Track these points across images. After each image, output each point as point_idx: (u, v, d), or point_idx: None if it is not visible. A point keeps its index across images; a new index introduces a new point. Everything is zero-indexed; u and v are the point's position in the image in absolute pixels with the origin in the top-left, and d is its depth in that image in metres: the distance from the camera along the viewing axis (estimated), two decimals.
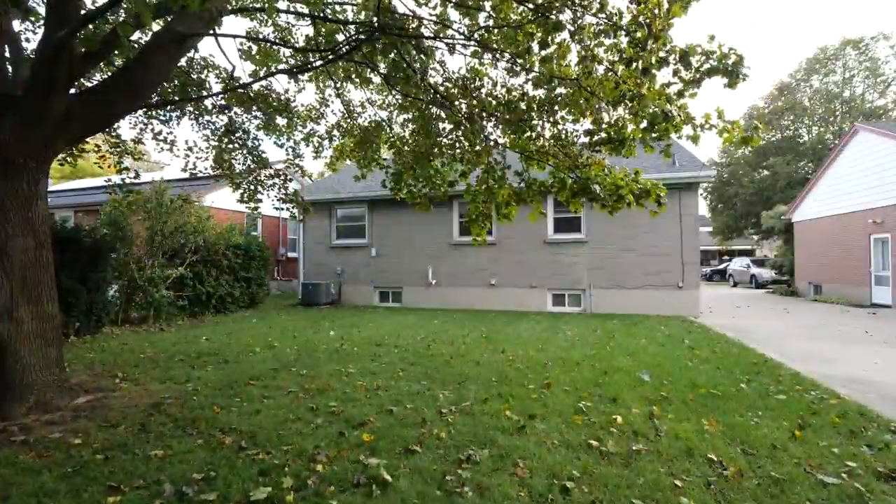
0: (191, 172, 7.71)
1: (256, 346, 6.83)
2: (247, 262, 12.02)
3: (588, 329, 8.57)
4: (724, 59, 3.71)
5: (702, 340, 7.39)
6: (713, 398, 4.35)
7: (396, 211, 13.54)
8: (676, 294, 11.20)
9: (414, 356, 6.21)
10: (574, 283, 11.96)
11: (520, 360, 5.98)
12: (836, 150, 16.67)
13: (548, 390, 4.64)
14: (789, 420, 3.81)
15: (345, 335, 7.80)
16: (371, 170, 8.57)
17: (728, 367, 5.59)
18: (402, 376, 5.21)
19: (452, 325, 9.05)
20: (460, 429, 3.65)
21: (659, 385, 4.76)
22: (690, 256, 11.21)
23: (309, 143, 8.90)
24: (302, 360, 6.00)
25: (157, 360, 6.03)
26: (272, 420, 3.85)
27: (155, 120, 7.49)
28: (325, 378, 5.13)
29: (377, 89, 9.06)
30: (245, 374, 5.26)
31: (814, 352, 6.90)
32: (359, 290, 13.91)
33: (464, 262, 12.88)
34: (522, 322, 9.58)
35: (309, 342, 7.19)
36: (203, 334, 7.97)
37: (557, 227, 12.27)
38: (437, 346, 6.93)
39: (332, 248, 14.26)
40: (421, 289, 13.25)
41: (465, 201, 12.90)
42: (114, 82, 4.35)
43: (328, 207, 14.34)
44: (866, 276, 14.78)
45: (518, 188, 5.82)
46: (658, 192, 4.70)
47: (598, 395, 4.50)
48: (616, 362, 5.79)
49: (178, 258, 10.33)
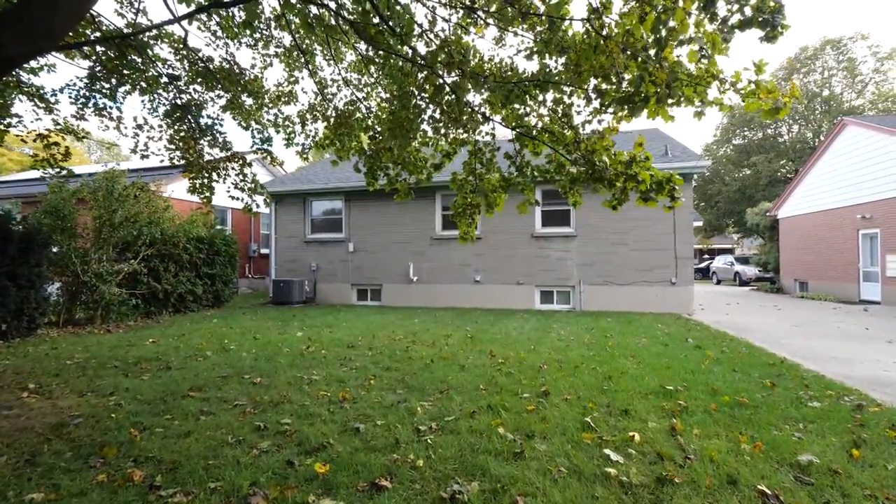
0: (141, 154, 6.77)
1: (209, 350, 5.95)
2: (211, 257, 11.03)
3: (581, 327, 7.93)
4: (760, 6, 3.03)
5: (706, 339, 6.81)
6: (740, 407, 3.71)
7: (375, 203, 12.72)
8: (670, 291, 10.68)
9: (390, 360, 5.44)
10: (563, 280, 11.35)
11: (510, 363, 5.27)
12: (822, 146, 16.51)
13: (546, 400, 3.94)
14: (837, 434, 3.19)
15: (314, 336, 6.97)
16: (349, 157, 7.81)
17: (743, 368, 4.99)
18: (374, 384, 4.44)
19: (434, 325, 8.30)
20: (442, 453, 2.91)
21: (674, 392, 4.10)
22: (684, 251, 10.71)
23: (279, 129, 8.06)
24: (259, 365, 5.17)
25: (85, 366, 5.12)
26: (204, 445, 3.04)
27: (98, 94, 6.54)
28: (283, 388, 4.32)
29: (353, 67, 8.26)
30: (186, 384, 4.41)
31: (822, 350, 6.39)
32: (335, 287, 13.03)
33: (447, 258, 12.14)
34: (510, 320, 8.90)
35: (271, 345, 6.34)
36: (152, 336, 7.04)
37: (546, 221, 11.64)
38: (417, 347, 6.17)
39: (306, 243, 13.35)
40: (402, 286, 12.46)
41: (449, 193, 12.20)
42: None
43: (302, 199, 13.42)
44: (854, 272, 14.60)
45: (508, 174, 5.10)
46: (672, 185, 4.03)
47: (606, 405, 3.81)
48: (619, 364, 5.13)
49: (129, 252, 9.32)
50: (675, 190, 4.02)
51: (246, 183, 7.00)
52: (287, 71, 7.82)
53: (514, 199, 11.72)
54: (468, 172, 5.24)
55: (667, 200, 4.07)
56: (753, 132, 30.55)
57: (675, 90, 3.01)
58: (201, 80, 6.76)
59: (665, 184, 3.95)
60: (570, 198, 4.63)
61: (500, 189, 5.01)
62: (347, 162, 7.11)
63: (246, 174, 7.06)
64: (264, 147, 8.17)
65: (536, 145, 4.54)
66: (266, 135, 8.13)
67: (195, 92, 6.89)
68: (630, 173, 3.89)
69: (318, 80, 8.00)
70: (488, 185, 5.07)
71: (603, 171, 3.81)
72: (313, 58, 7.99)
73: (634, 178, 3.90)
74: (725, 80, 2.92)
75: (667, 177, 3.98)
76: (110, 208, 8.62)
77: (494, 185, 5.03)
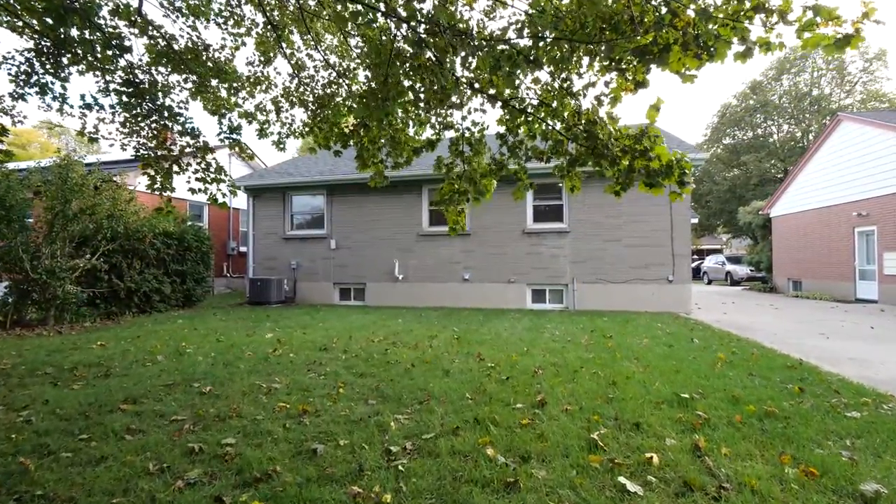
0: (89, 136, 6.06)
1: (161, 353, 5.28)
2: (181, 253, 10.30)
3: (577, 327, 7.38)
4: None
5: (711, 339, 6.30)
6: (769, 419, 3.17)
7: (359, 198, 12.08)
8: (666, 289, 10.21)
9: (366, 364, 4.82)
10: (556, 278, 10.82)
11: (501, 366, 4.69)
12: (816, 143, 16.25)
13: (543, 411, 3.36)
14: (893, 451, 2.66)
15: (284, 338, 6.31)
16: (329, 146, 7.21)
17: (761, 372, 4.47)
18: (343, 394, 3.82)
19: (419, 325, 7.69)
20: (416, 484, 2.31)
21: (690, 400, 3.55)
22: (681, 248, 10.25)
23: (251, 119, 7.41)
24: (214, 371, 4.52)
25: (10, 374, 4.42)
26: (116, 475, 2.41)
27: (41, 69, 5.82)
28: (235, 398, 3.69)
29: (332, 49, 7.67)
30: (121, 394, 3.75)
31: (836, 351, 5.92)
32: (316, 286, 12.35)
33: (434, 255, 11.54)
34: (500, 320, 8.33)
35: (234, 348, 5.68)
36: (104, 338, 6.33)
37: (538, 217, 11.10)
38: (398, 350, 5.56)
39: (286, 240, 12.64)
40: (386, 285, 11.83)
41: (436, 187, 11.60)
42: None
43: (282, 194, 12.72)
44: (850, 270, 14.31)
45: (500, 155, 4.52)
46: (682, 168, 3.50)
47: (613, 417, 3.25)
48: (622, 368, 4.57)
49: (88, 247, 8.57)
50: (685, 174, 3.50)
51: (208, 173, 6.33)
52: (260, 51, 7.21)
53: (504, 194, 11.17)
54: (455, 155, 4.65)
55: (674, 186, 3.54)
56: (743, 131, 30.49)
57: (703, 32, 2.44)
58: (165, 62, 6.10)
59: (674, 166, 3.42)
60: (567, 183, 4.06)
61: (490, 174, 4.43)
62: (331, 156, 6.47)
63: (209, 162, 6.40)
64: (233, 137, 7.52)
65: (531, 122, 3.97)
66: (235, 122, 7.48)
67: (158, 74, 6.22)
68: (639, 149, 3.33)
69: (294, 62, 7.37)
70: (477, 169, 4.49)
71: (606, 147, 3.24)
72: (289, 37, 7.36)
73: (644, 155, 3.35)
74: (772, 10, 2.36)
75: (677, 157, 3.45)
76: (63, 199, 7.86)
77: (484, 170, 4.45)
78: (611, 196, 10.90)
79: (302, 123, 7.21)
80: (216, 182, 6.32)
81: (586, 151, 3.59)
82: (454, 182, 4.84)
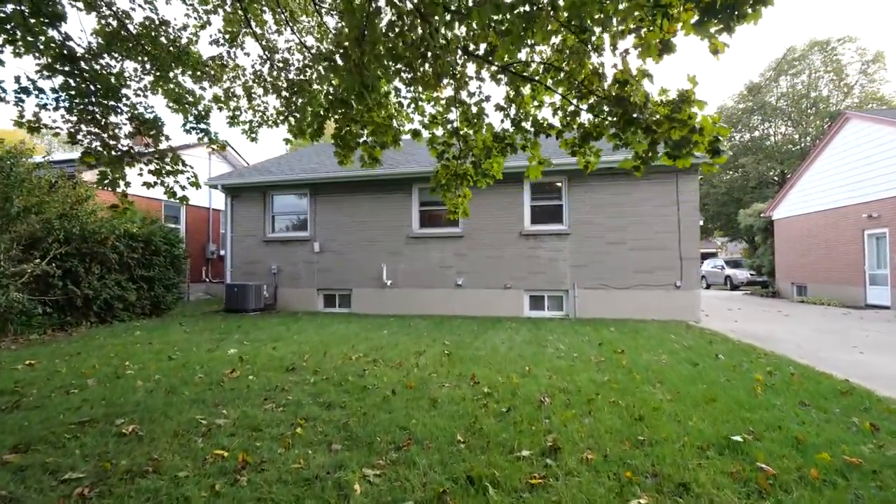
0: (29, 126, 5.23)
1: (95, 376, 4.43)
2: (148, 257, 9.42)
3: (582, 339, 6.62)
4: None
5: (736, 355, 5.56)
6: (856, 473, 2.41)
7: (345, 197, 11.28)
8: (674, 295, 9.49)
9: (337, 391, 4.02)
10: (555, 283, 10.07)
11: (500, 393, 3.91)
12: (822, 143, 15.71)
13: (556, 461, 2.58)
14: None
15: (249, 355, 5.48)
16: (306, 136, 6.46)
17: (813, 400, 3.72)
18: (301, 435, 3.01)
19: (406, 337, 6.89)
20: None
21: (742, 444, 2.78)
22: (690, 251, 9.55)
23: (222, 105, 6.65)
24: (150, 402, 3.68)
25: None
26: None
27: None
28: (163, 442, 2.87)
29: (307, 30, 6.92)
30: (15, 437, 2.91)
31: (877, 368, 5.20)
32: (299, 292, 11.50)
33: (425, 259, 10.75)
34: (497, 330, 7.55)
35: (186, 368, 4.84)
36: (39, 355, 5.46)
37: (536, 218, 10.36)
38: (378, 370, 4.75)
39: (266, 243, 11.79)
40: (374, 291, 11.01)
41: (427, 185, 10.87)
42: None
43: (262, 193, 11.88)
44: (859, 275, 13.71)
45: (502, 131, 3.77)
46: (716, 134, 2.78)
47: (650, 472, 2.47)
48: (645, 395, 3.81)
49: (37, 250, 7.68)
50: (718, 140, 2.80)
51: (164, 164, 5.51)
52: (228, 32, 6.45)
53: (500, 193, 10.42)
54: (449, 134, 3.89)
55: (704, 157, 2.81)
56: (741, 133, 30.07)
57: None
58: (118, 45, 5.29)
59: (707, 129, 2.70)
60: (580, 159, 3.33)
61: (495, 151, 3.68)
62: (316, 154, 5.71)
63: (164, 152, 5.58)
64: (200, 127, 6.74)
65: (537, 91, 3.22)
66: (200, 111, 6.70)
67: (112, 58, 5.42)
68: (680, 118, 2.59)
69: (265, 43, 6.60)
70: (478, 145, 3.73)
71: (641, 112, 2.50)
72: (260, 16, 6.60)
73: (685, 125, 2.61)
74: None
75: (708, 122, 2.72)
76: (4, 195, 6.99)
77: (488, 145, 3.69)
78: (614, 196, 10.16)
79: (275, 111, 6.45)
80: (174, 174, 5.53)
81: (613, 121, 2.84)
82: (449, 164, 4.09)
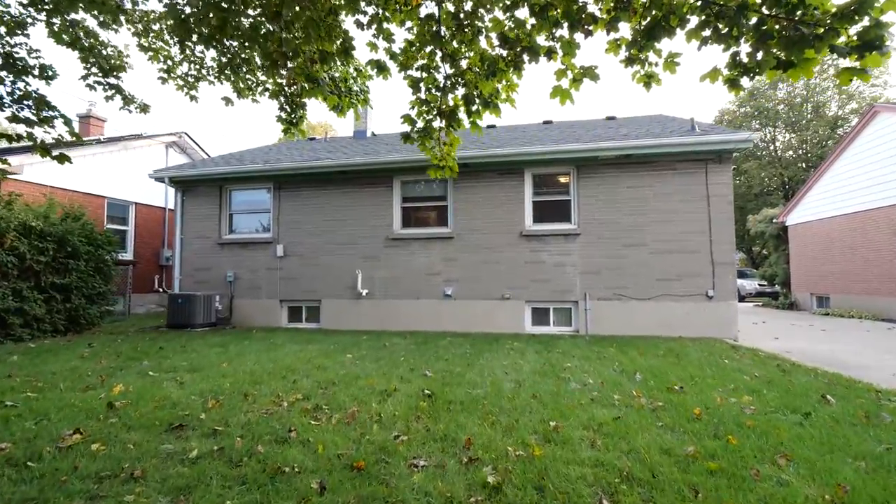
0: None
1: None
2: (62, 261, 7.60)
3: (609, 367, 4.96)
4: None
5: (840, 392, 3.93)
6: None
7: (314, 192, 9.60)
8: (705, 307, 7.91)
9: (225, 477, 2.30)
10: (563, 293, 8.45)
11: (514, 479, 2.22)
12: (844, 141, 14.42)
13: None
14: None
15: (133, 398, 3.69)
16: (250, 91, 5.00)
17: None
18: None
19: (374, 365, 5.17)
20: None
21: None
22: (723, 254, 8.00)
23: (146, 49, 5.16)
24: None
25: None
26: None
27: None
28: None
29: None
30: None
31: None
32: (259, 304, 9.72)
33: (408, 265, 9.07)
34: (496, 354, 5.87)
35: (20, 419, 3.08)
36: None
37: (539, 216, 8.77)
38: (315, 430, 3.02)
39: (221, 246, 10.02)
40: (347, 302, 9.28)
41: (410, 179, 9.17)
42: None
43: (218, 188, 10.15)
44: (894, 285, 12.30)
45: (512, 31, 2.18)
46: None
47: None
48: (773, 487, 2.16)
49: None
50: (879, 26, 1.36)
51: (24, 106, 3.83)
52: None
53: (497, 186, 8.82)
54: (429, 40, 2.29)
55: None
56: None
57: None
58: None
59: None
60: (639, 74, 1.78)
61: (502, 64, 2.09)
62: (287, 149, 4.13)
63: (24, 91, 3.89)
64: (108, 82, 5.12)
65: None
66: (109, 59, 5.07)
67: None
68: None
69: None
70: (474, 61, 2.14)
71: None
72: None
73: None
74: None
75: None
76: None
77: (488, 58, 2.10)
78: (632, 189, 8.53)
79: (215, 64, 4.86)
80: (44, 123, 3.88)
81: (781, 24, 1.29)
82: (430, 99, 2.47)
